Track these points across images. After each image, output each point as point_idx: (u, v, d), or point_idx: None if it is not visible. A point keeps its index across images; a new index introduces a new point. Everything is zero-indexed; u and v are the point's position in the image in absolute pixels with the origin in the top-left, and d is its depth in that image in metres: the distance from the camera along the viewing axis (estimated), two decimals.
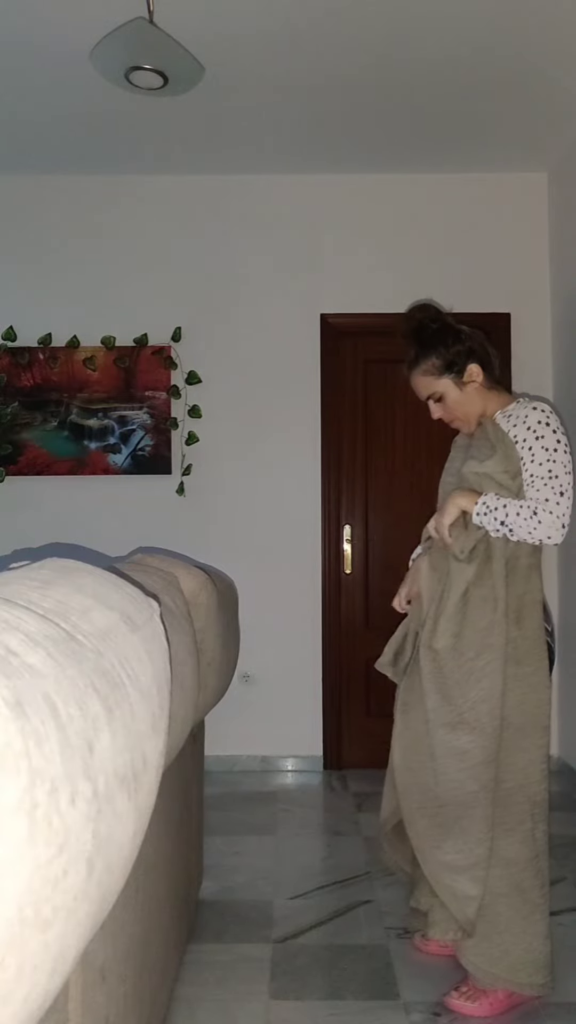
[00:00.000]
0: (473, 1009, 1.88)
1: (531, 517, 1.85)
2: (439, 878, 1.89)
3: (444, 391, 2.03)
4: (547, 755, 1.95)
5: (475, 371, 2.01)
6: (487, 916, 1.88)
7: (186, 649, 1.47)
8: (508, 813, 1.90)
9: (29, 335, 3.97)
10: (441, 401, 2.05)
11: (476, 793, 1.86)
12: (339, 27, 2.85)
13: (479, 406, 2.03)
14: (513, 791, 1.90)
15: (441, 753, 1.90)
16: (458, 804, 1.88)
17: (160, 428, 3.94)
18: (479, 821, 1.86)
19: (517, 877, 1.88)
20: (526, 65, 3.09)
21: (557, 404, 3.89)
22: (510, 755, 1.90)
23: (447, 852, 1.88)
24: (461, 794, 1.87)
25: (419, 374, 2.05)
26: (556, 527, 1.85)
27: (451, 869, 1.87)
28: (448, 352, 2.01)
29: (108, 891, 0.74)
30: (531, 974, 1.87)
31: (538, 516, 1.85)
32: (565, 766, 3.75)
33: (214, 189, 4.03)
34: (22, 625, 0.68)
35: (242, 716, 3.85)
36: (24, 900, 0.55)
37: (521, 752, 1.91)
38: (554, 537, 1.85)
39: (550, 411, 1.93)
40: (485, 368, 2.04)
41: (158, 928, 1.59)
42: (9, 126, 3.55)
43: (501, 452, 1.92)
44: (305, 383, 4.00)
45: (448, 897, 1.87)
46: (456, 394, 2.02)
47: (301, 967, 2.10)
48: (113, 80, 2.69)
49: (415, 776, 1.96)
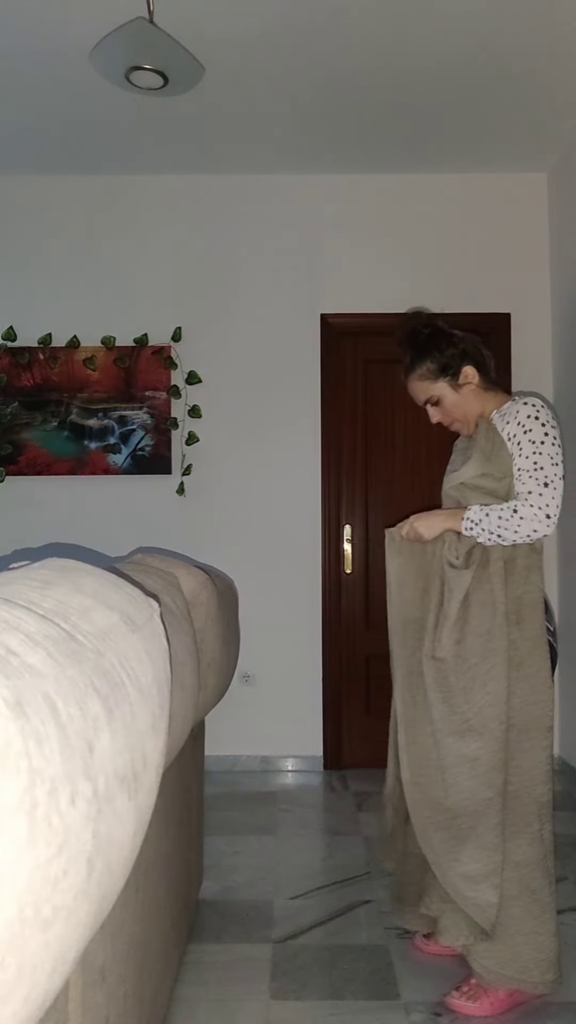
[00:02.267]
0: (474, 1008, 1.88)
1: (512, 516, 1.85)
2: (460, 890, 1.88)
3: (440, 395, 2.05)
4: (551, 755, 1.95)
5: (470, 373, 2.04)
6: (500, 919, 1.87)
7: (186, 649, 1.47)
8: (516, 816, 1.90)
9: (29, 335, 3.97)
10: (439, 405, 2.07)
11: (490, 800, 1.86)
12: (339, 27, 2.85)
13: (476, 408, 2.04)
14: (519, 793, 1.90)
15: (451, 763, 1.89)
16: (471, 814, 1.88)
17: (160, 428, 3.94)
18: (492, 828, 1.86)
19: (528, 878, 1.88)
20: (526, 65, 3.09)
21: (557, 404, 3.89)
22: (515, 757, 1.91)
23: (465, 863, 1.88)
24: (473, 803, 1.87)
25: (415, 379, 2.07)
26: (539, 519, 1.84)
27: (471, 880, 1.87)
28: (442, 356, 2.03)
29: (108, 891, 0.74)
30: (543, 972, 1.87)
31: (519, 513, 1.85)
32: (566, 766, 3.75)
33: (214, 189, 4.04)
34: (22, 625, 0.68)
35: (242, 716, 3.85)
36: (24, 900, 0.55)
37: (525, 754, 1.91)
38: (540, 529, 1.85)
39: (541, 404, 1.94)
40: (480, 370, 2.05)
41: (158, 928, 1.59)
42: (9, 126, 3.55)
43: (480, 456, 1.94)
44: (305, 383, 4.00)
45: (471, 908, 1.86)
46: (453, 397, 2.04)
47: (301, 967, 2.10)
48: (113, 80, 2.69)
49: (425, 791, 1.95)
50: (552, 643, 1.97)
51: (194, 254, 4.03)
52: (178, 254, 4.03)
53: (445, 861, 1.91)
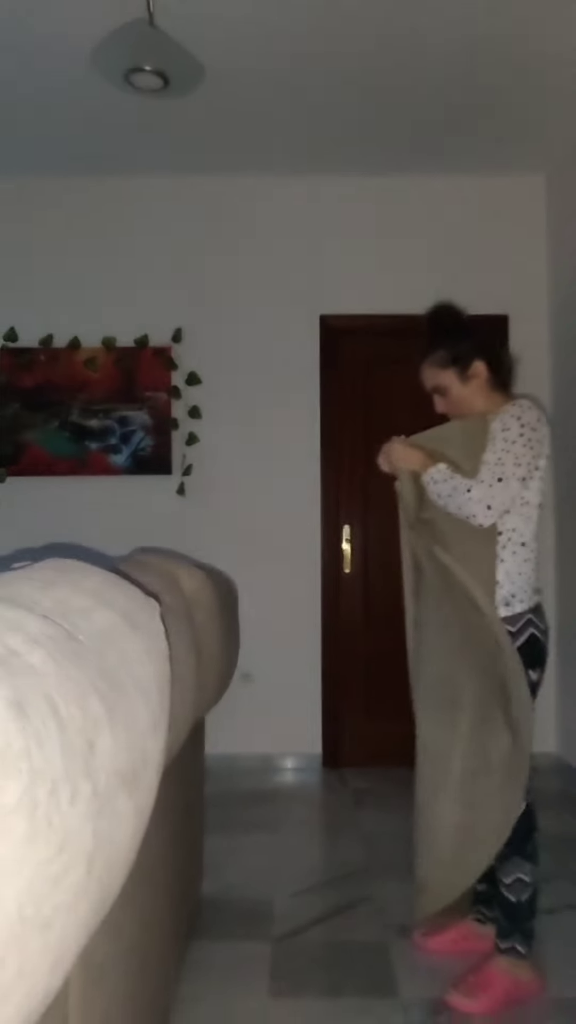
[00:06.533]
0: (472, 1005, 1.89)
1: (464, 493, 1.93)
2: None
3: (448, 384, 2.09)
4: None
5: (480, 368, 2.07)
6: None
7: (186, 648, 1.47)
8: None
9: (30, 336, 3.98)
10: (445, 395, 2.11)
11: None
12: (338, 30, 2.85)
13: (481, 405, 2.07)
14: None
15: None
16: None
17: (160, 428, 3.95)
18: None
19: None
20: (524, 68, 3.09)
21: (554, 405, 3.89)
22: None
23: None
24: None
25: (427, 364, 2.12)
26: (481, 506, 1.91)
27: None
28: (456, 346, 2.07)
29: (108, 890, 0.75)
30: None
31: (471, 493, 1.92)
32: (566, 766, 3.76)
33: (214, 190, 4.04)
34: (23, 625, 0.68)
35: (242, 715, 3.85)
36: (24, 899, 0.56)
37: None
38: (478, 516, 1.92)
39: (529, 406, 1.99)
40: (492, 369, 2.09)
41: (158, 926, 1.60)
42: (10, 127, 3.55)
43: (460, 453, 2.00)
44: (305, 384, 4.00)
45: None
46: (459, 389, 2.08)
47: (301, 965, 2.11)
48: (114, 81, 2.69)
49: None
50: (543, 642, 1.99)
51: (195, 255, 4.03)
52: (179, 255, 4.03)
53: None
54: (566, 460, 3.75)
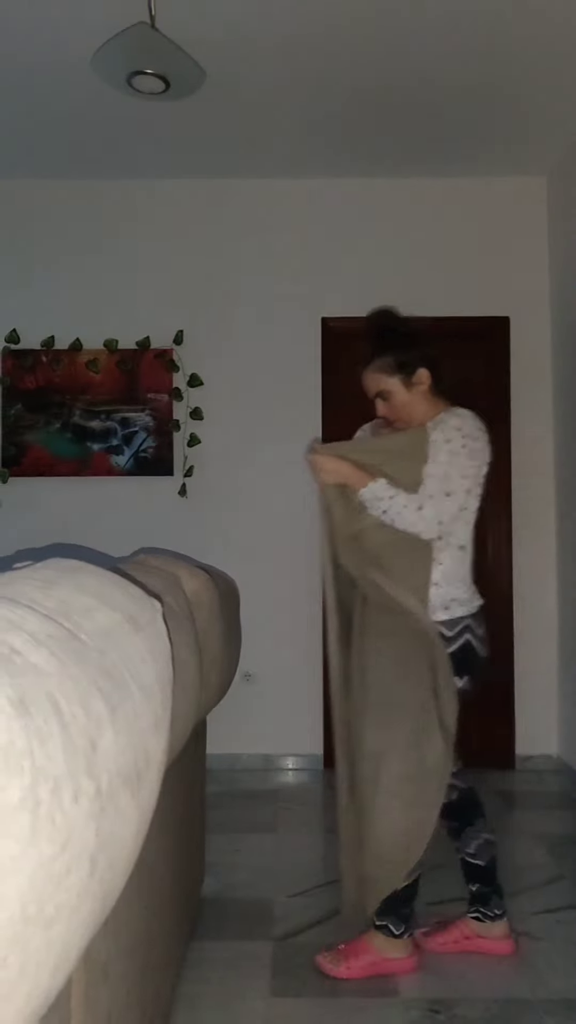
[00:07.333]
0: (336, 971, 2.02)
1: (415, 512, 1.94)
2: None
3: (392, 390, 2.12)
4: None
5: (424, 376, 2.11)
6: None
7: (188, 648, 1.48)
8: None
9: (32, 338, 3.98)
10: (388, 400, 2.14)
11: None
12: (338, 32, 2.86)
13: (421, 411, 2.10)
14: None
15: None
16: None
17: (162, 430, 3.95)
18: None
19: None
20: (525, 69, 3.10)
21: (556, 406, 3.89)
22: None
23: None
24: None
25: (372, 370, 2.16)
26: (431, 523, 1.94)
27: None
28: (404, 354, 2.11)
29: (111, 889, 0.75)
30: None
31: (423, 510, 1.94)
32: (566, 766, 3.76)
33: (216, 193, 4.04)
34: (26, 624, 0.69)
35: (244, 715, 3.85)
36: (27, 898, 0.56)
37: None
38: (426, 532, 1.95)
39: (469, 415, 2.02)
40: (434, 377, 2.12)
41: (160, 925, 1.60)
42: (12, 130, 3.56)
43: (398, 463, 2.03)
44: (306, 386, 4.00)
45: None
46: (403, 395, 2.11)
47: (301, 964, 2.11)
48: (115, 85, 2.69)
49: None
50: (476, 648, 2.03)
51: (196, 258, 4.03)
52: (180, 258, 4.04)
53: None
54: (566, 460, 3.75)
